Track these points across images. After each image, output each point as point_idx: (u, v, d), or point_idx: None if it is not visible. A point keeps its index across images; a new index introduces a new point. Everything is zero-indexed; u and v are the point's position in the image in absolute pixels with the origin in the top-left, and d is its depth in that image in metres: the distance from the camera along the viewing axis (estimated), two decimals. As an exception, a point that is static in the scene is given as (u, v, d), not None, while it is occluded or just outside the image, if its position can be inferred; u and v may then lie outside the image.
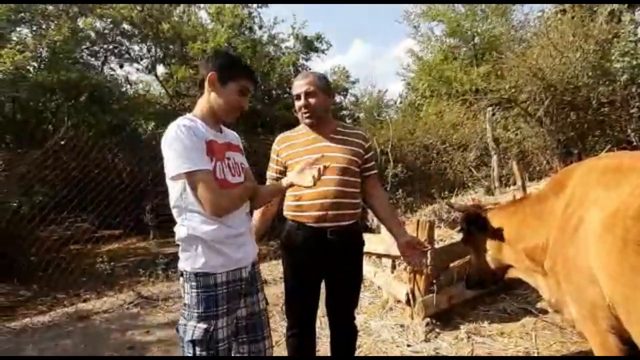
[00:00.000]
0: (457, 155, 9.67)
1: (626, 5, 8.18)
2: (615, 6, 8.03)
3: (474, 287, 2.56)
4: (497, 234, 2.21)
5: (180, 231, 1.62)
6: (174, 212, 1.64)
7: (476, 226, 2.30)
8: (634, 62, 7.32)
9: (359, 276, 2.32)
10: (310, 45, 8.49)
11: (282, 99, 8.20)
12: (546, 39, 7.16)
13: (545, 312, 3.32)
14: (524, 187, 4.37)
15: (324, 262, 2.13)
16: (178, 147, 1.52)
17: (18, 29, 6.28)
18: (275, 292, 4.34)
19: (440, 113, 12.36)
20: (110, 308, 4.33)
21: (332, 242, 2.09)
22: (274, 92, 8.08)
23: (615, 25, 7.62)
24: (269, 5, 8.24)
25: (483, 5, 15.71)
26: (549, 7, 10.88)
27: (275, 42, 8.44)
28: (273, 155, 2.26)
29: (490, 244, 2.28)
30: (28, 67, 6.07)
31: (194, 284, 1.59)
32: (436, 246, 3.41)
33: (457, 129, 10.59)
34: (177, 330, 1.63)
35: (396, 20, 17.76)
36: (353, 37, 40.12)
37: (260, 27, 8.17)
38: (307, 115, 2.15)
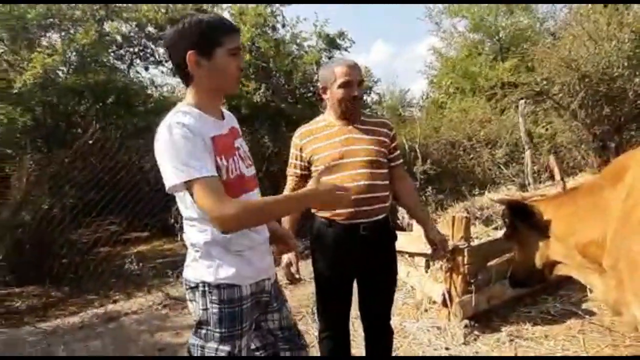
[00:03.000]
0: (484, 152, 9.42)
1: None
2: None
3: (518, 286, 2.41)
4: (545, 228, 2.05)
5: (197, 237, 1.38)
6: (186, 222, 1.41)
7: (521, 219, 2.14)
8: (674, 51, 6.98)
9: (394, 272, 2.21)
10: (333, 43, 8.39)
11: (305, 98, 8.13)
12: (580, 28, 6.86)
13: (592, 313, 3.14)
14: (563, 183, 4.16)
15: (357, 259, 2.04)
16: (171, 150, 1.25)
17: (48, 34, 6.42)
18: (304, 293, 4.26)
19: (465, 110, 12.11)
20: (139, 309, 4.33)
21: (365, 238, 1.99)
22: (297, 90, 8.01)
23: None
24: (292, 4, 8.21)
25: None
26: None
27: (298, 40, 8.39)
28: (295, 151, 2.13)
29: (536, 239, 2.12)
30: (57, 71, 6.19)
31: (215, 297, 1.36)
32: (473, 244, 3.25)
33: (484, 125, 10.34)
34: (189, 352, 1.42)
35: (418, 18, 17.46)
36: (374, 38, 39.91)
37: (284, 26, 8.13)
38: (356, 107, 2.02)
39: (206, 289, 1.37)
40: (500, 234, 3.79)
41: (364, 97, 9.61)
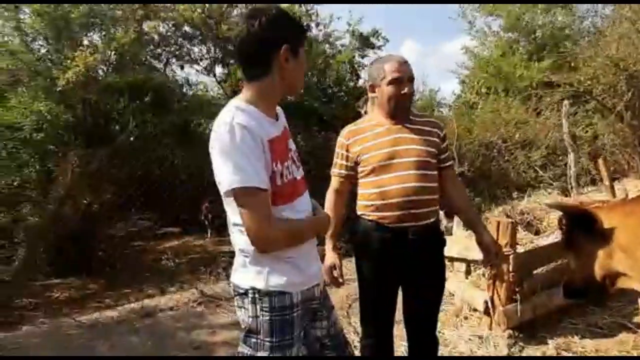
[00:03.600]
0: (520, 155, 9.13)
1: None
2: None
3: (573, 297, 2.29)
4: (609, 237, 1.93)
5: (246, 241, 1.30)
6: (235, 227, 1.35)
7: (581, 227, 2.03)
8: None
9: (442, 279, 2.12)
10: (366, 42, 8.31)
11: (338, 97, 8.08)
12: (628, 25, 6.55)
13: (646, 327, 2.97)
14: (612, 187, 3.97)
15: (404, 264, 1.96)
16: (232, 156, 1.21)
17: (89, 33, 6.61)
18: (340, 295, 4.21)
19: (498, 110, 11.79)
20: (175, 306, 4.37)
21: (414, 243, 1.90)
22: (329, 90, 7.97)
23: None
24: (326, 2, 8.19)
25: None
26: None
27: (331, 39, 8.35)
28: (340, 150, 2.04)
29: (597, 248, 2.00)
30: (98, 69, 6.35)
31: (266, 305, 1.32)
32: (517, 250, 3.12)
33: (519, 127, 10.03)
34: None
35: (450, 17, 17.12)
36: (403, 36, 39.46)
37: (317, 25, 8.12)
38: (405, 104, 1.94)
39: (256, 295, 1.33)
40: (544, 241, 3.65)
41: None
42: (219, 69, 8.40)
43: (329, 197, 2.12)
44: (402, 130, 1.96)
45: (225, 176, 1.23)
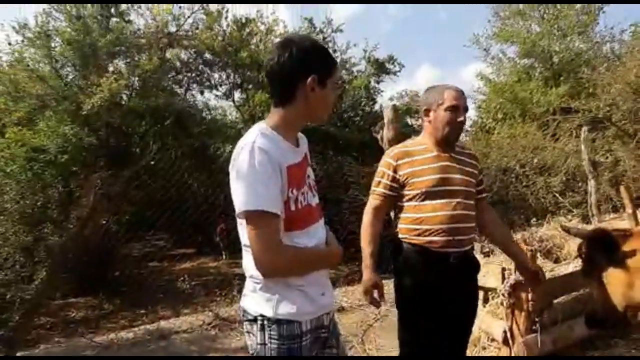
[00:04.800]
0: (539, 180, 9.00)
1: None
2: None
3: (596, 327, 2.23)
4: (631, 265, 1.88)
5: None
6: (246, 249, 1.35)
7: (604, 254, 1.99)
8: None
9: (476, 304, 2.16)
10: (382, 68, 8.45)
11: (354, 122, 8.17)
12: (647, 53, 6.53)
13: (674, 362, 2.84)
14: (634, 215, 3.88)
15: (444, 288, 1.97)
16: (249, 177, 1.23)
17: (115, 60, 6.87)
18: (353, 320, 4.16)
19: (515, 136, 11.71)
20: (189, 328, 4.37)
21: (454, 267, 1.96)
22: (345, 115, 8.06)
23: None
24: (343, 29, 8.39)
25: (561, 23, 14.94)
26: (641, 21, 10.05)
27: (347, 66, 8.51)
28: (386, 170, 2.04)
29: (620, 277, 1.96)
30: (122, 94, 6.58)
31: (274, 333, 1.31)
32: (537, 279, 3.05)
33: (537, 152, 9.93)
34: None
35: (464, 45, 17.27)
36: (419, 62, 39.88)
37: (334, 52, 8.28)
38: (459, 133, 2.04)
39: (265, 323, 1.32)
40: (565, 269, 3.56)
41: (412, 124, 9.56)
42: (237, 94, 8.63)
43: (369, 215, 2.09)
44: (451, 158, 2.02)
45: (239, 198, 1.25)
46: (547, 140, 9.89)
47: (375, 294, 2.00)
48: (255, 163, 1.23)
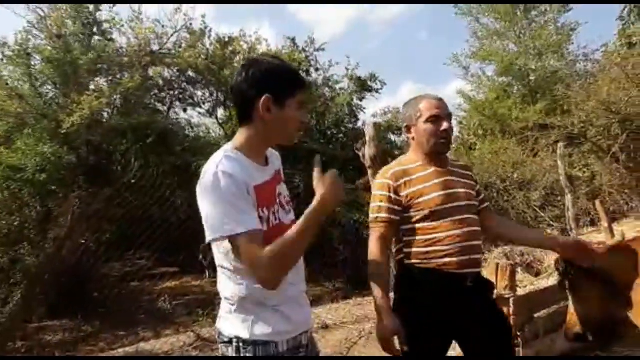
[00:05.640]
0: (519, 195, 9.17)
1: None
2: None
3: (575, 340, 2.26)
4: (609, 278, 1.92)
5: (232, 290, 1.32)
6: (221, 272, 1.35)
7: (580, 267, 2.03)
8: None
9: (504, 320, 2.00)
10: (364, 85, 8.59)
11: (338, 139, 8.25)
12: (619, 70, 6.79)
13: (654, 374, 2.89)
14: (610, 229, 3.97)
15: (461, 315, 1.80)
16: (216, 201, 1.23)
17: (96, 78, 6.84)
18: (338, 339, 4.14)
19: (496, 152, 11.97)
20: (170, 350, 4.28)
21: (471, 290, 1.80)
22: (329, 132, 8.14)
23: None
24: (325, 48, 8.52)
25: (536, 43, 15.48)
26: (613, 41, 10.50)
27: (330, 83, 8.64)
28: (387, 193, 1.85)
29: (598, 289, 2.00)
30: (103, 112, 6.53)
31: (250, 355, 1.29)
32: (518, 293, 3.10)
33: (517, 167, 10.15)
34: None
35: (444, 64, 17.71)
36: (403, 80, 40.64)
37: (317, 70, 8.42)
38: (445, 142, 1.87)
39: (240, 345, 1.30)
40: (545, 283, 3.62)
41: (394, 140, 9.69)
42: (220, 111, 8.64)
43: (376, 246, 1.85)
44: (449, 173, 1.90)
45: (213, 223, 1.24)
46: (526, 155, 10.14)
47: (397, 344, 1.77)
48: (222, 188, 1.23)
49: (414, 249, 1.84)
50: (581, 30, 15.98)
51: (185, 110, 8.41)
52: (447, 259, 1.78)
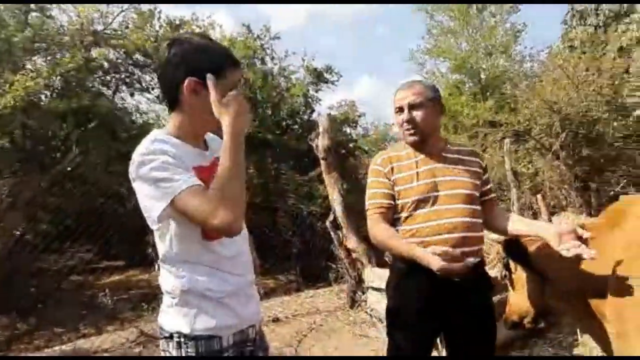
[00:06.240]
0: (468, 189, 9.50)
1: (635, 42, 8.26)
2: (625, 42, 8.10)
3: (513, 328, 2.33)
4: (539, 270, 1.98)
5: (173, 283, 1.25)
6: (163, 265, 1.29)
7: (517, 260, 2.08)
8: (647, 97, 7.31)
9: (492, 325, 1.87)
10: (320, 77, 8.54)
11: (292, 129, 8.16)
12: (561, 72, 7.13)
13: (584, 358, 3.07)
14: (550, 222, 4.17)
15: (447, 310, 1.76)
16: (150, 177, 1.15)
17: (33, 58, 6.33)
18: (288, 332, 4.10)
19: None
20: (111, 347, 4.07)
21: (458, 285, 1.67)
22: (284, 122, 8.04)
23: (627, 60, 7.66)
24: (281, 37, 8.37)
25: (487, 42, 16.07)
26: (556, 43, 11.05)
27: (286, 73, 8.51)
28: (379, 179, 1.84)
29: (532, 280, 2.06)
30: (40, 94, 6.07)
31: (191, 350, 1.23)
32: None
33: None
34: None
35: (402, 60, 18.08)
36: (360, 74, 40.98)
37: (272, 59, 8.27)
38: (411, 132, 1.81)
39: (181, 340, 1.24)
40: (491, 272, 3.73)
41: (350, 133, 9.73)
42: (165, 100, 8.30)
43: (378, 229, 1.80)
44: (440, 160, 1.83)
45: (154, 195, 1.16)
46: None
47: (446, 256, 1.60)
48: (155, 165, 1.15)
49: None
50: (528, 31, 16.77)
51: (132, 95, 7.99)
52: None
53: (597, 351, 2.38)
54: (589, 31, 8.53)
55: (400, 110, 1.83)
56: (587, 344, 3.11)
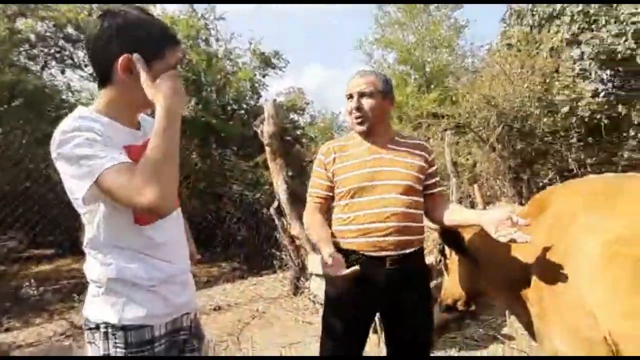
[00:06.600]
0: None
1: (565, 43, 8.82)
2: (556, 42, 8.62)
3: (447, 310, 2.44)
4: (472, 257, 2.08)
5: (98, 271, 1.18)
6: (88, 251, 1.21)
7: (452, 246, 2.17)
8: (573, 95, 7.86)
9: (427, 310, 1.93)
10: (267, 62, 8.36)
11: (238, 115, 7.95)
12: (498, 68, 7.48)
13: (511, 338, 3.27)
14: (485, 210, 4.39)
15: (381, 297, 1.80)
16: (74, 154, 1.06)
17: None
18: (229, 319, 4.03)
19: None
20: (37, 340, 3.81)
21: (393, 274, 1.76)
22: (229, 107, 7.80)
23: (557, 60, 8.16)
24: (226, 17, 8.09)
25: (432, 36, 16.56)
26: (495, 41, 11.57)
27: (232, 56, 8.24)
28: (319, 169, 1.91)
29: (466, 266, 2.15)
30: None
31: (119, 341, 1.17)
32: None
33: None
34: None
35: (349, 50, 18.27)
36: (309, 61, 40.80)
37: (217, 40, 7.97)
38: (359, 120, 1.84)
39: (109, 330, 1.17)
40: (428, 259, 3.88)
41: (297, 120, 9.68)
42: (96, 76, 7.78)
43: (310, 218, 1.90)
44: (384, 151, 1.86)
45: (74, 181, 1.08)
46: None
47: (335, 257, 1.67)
48: (79, 141, 1.06)
49: (336, 227, 1.86)
50: (471, 27, 17.49)
51: (63, 72, 7.38)
52: (361, 240, 1.77)
53: (522, 331, 2.54)
54: (525, 30, 8.96)
55: (350, 97, 1.86)
56: (513, 325, 3.33)
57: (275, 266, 5.97)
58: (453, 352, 3.15)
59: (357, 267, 1.63)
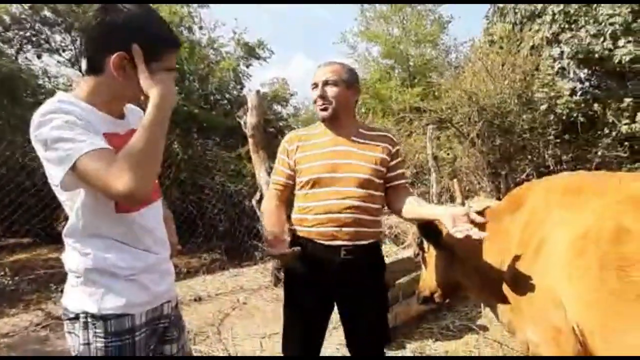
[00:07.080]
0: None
1: (545, 42, 8.98)
2: (537, 41, 8.78)
3: (425, 302, 2.49)
4: (449, 250, 2.13)
5: (76, 261, 1.18)
6: (67, 240, 1.20)
7: (430, 240, 2.21)
8: (552, 93, 8.04)
9: (382, 301, 2.00)
10: (251, 52, 8.27)
11: (220, 105, 7.86)
12: (480, 65, 7.58)
13: (486, 329, 3.37)
14: (463, 205, 4.47)
15: (336, 285, 1.85)
16: (52, 138, 1.04)
17: None
18: (210, 310, 4.04)
19: (377, 130, 12.68)
20: (12, 331, 3.74)
21: (347, 263, 1.80)
22: (212, 97, 7.71)
23: (537, 58, 8.33)
24: (210, 6, 7.96)
25: (416, 31, 16.63)
26: (479, 37, 11.71)
27: (215, 45, 8.12)
28: (282, 156, 1.95)
29: (443, 259, 2.20)
30: None
31: (99, 330, 1.16)
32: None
33: (392, 146, 10.89)
34: None
35: (333, 42, 18.23)
36: (294, 52, 40.52)
37: (201, 28, 7.84)
38: (323, 108, 1.86)
39: (88, 320, 1.17)
40: (407, 252, 3.95)
41: (280, 111, 9.62)
42: (85, 62, 7.57)
43: (267, 207, 1.96)
44: (347, 142, 1.87)
45: (51, 166, 1.08)
46: (401, 135, 10.93)
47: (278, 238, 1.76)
48: (58, 124, 1.05)
49: (295, 215, 1.90)
50: (454, 23, 17.65)
51: (39, 57, 7.15)
52: (320, 229, 1.80)
53: (496, 322, 2.62)
54: (507, 28, 9.11)
55: (315, 86, 1.89)
56: (487, 316, 3.42)
57: (257, 257, 5.97)
58: (430, 343, 3.23)
59: (298, 247, 1.70)
